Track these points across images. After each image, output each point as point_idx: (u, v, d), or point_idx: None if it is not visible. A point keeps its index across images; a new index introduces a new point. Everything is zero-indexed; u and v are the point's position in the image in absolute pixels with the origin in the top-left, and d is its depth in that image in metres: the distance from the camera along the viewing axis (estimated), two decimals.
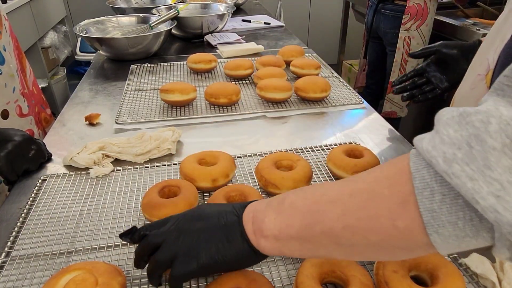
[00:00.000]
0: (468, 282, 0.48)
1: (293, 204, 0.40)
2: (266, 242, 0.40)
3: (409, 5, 1.74)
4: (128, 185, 0.68)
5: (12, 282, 0.50)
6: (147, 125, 0.90)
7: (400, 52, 1.84)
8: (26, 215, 0.61)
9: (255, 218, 0.42)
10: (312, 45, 2.21)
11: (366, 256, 0.40)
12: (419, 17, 1.75)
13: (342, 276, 0.46)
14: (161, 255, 0.43)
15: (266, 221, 0.40)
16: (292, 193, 0.41)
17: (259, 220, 0.41)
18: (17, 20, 2.11)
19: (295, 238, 0.39)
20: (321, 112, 0.95)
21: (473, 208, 0.28)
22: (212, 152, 0.70)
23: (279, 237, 0.39)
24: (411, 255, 0.37)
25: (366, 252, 0.36)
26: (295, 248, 0.39)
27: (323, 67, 1.21)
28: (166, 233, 0.44)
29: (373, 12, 1.95)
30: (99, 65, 1.31)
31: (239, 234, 0.42)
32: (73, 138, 0.85)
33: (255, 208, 0.43)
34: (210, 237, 0.42)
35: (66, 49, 2.87)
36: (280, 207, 0.40)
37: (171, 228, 0.44)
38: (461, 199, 0.28)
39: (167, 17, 1.40)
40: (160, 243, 0.44)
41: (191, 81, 1.14)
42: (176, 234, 0.43)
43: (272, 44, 1.52)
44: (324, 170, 0.72)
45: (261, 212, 0.42)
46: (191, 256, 0.42)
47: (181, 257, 0.42)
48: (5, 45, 0.84)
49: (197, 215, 0.45)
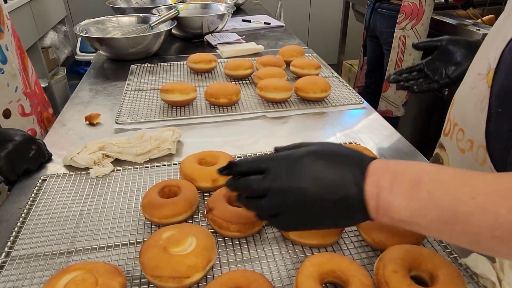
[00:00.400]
0: (468, 282, 0.48)
1: (431, 195, 0.37)
2: (390, 220, 0.39)
3: (404, 4, 1.74)
4: (128, 185, 0.68)
5: (12, 282, 0.49)
6: (147, 125, 0.90)
7: (396, 51, 1.85)
8: (26, 215, 0.61)
9: (380, 197, 0.39)
10: (312, 45, 2.21)
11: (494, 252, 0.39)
12: (414, 16, 1.76)
13: (342, 276, 0.46)
14: (266, 207, 0.43)
15: (395, 205, 0.38)
16: (427, 175, 0.38)
17: (386, 201, 0.39)
18: (17, 20, 2.10)
19: (425, 226, 0.37)
20: (321, 112, 0.95)
21: None
22: (212, 152, 0.70)
23: (406, 221, 0.38)
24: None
25: (501, 252, 0.36)
26: (418, 230, 0.39)
27: (323, 67, 1.21)
28: (277, 190, 0.42)
29: (371, 11, 1.96)
30: (99, 65, 1.31)
31: (359, 210, 0.40)
32: (73, 138, 0.85)
33: (380, 184, 0.39)
34: (326, 209, 0.41)
35: (66, 49, 2.87)
36: (414, 193, 0.37)
37: (286, 185, 0.42)
38: None
39: (167, 17, 1.40)
40: (266, 193, 0.43)
41: (191, 81, 1.14)
42: (288, 194, 0.42)
43: (272, 44, 1.52)
44: None
45: (387, 191, 0.39)
46: (302, 221, 0.43)
47: (288, 215, 0.43)
48: (7, 45, 0.84)
49: (314, 176, 0.41)
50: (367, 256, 0.53)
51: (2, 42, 0.82)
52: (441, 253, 0.52)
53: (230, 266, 0.52)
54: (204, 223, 0.59)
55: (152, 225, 0.59)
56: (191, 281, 0.47)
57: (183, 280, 0.46)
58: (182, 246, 0.48)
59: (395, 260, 0.46)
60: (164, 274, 0.46)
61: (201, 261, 0.47)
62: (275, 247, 0.55)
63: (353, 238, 0.56)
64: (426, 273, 0.46)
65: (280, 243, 0.55)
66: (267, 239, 0.56)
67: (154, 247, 0.48)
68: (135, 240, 0.56)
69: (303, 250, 0.54)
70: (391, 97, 1.94)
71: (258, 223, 0.55)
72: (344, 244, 0.55)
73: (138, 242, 0.56)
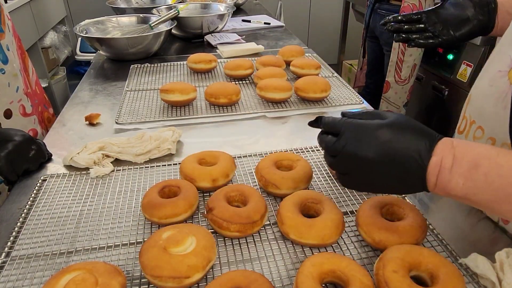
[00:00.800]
0: (468, 282, 0.48)
1: (487, 176, 0.41)
2: (445, 194, 0.44)
3: (404, 5, 1.75)
4: (128, 185, 0.68)
5: (12, 282, 0.49)
6: (147, 125, 0.90)
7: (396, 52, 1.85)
8: (26, 215, 0.61)
9: (441, 175, 0.43)
10: (312, 45, 2.21)
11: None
12: None
13: (342, 276, 0.46)
14: (335, 166, 0.49)
15: (453, 183, 0.42)
16: (486, 159, 0.42)
17: (445, 179, 0.43)
18: (17, 20, 2.10)
19: (476, 202, 0.43)
20: (321, 112, 0.95)
21: None
22: (212, 152, 0.70)
23: (460, 197, 0.43)
24: None
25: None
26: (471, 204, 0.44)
27: (323, 67, 1.21)
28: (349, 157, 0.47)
29: (370, 11, 1.96)
30: (99, 65, 1.31)
31: (418, 184, 0.45)
32: (73, 138, 0.85)
33: (442, 164, 0.43)
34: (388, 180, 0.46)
35: (66, 49, 2.87)
36: (472, 174, 0.41)
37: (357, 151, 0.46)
38: None
39: (167, 17, 1.40)
40: (336, 155, 0.48)
41: (191, 81, 1.14)
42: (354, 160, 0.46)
43: (272, 44, 1.52)
44: (324, 170, 0.72)
45: (447, 171, 0.43)
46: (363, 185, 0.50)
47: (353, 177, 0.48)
48: (8, 45, 0.84)
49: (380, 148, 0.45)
50: (367, 256, 0.53)
51: (3, 42, 0.82)
52: (441, 253, 0.52)
53: (230, 266, 0.52)
54: (204, 223, 0.59)
55: (152, 225, 0.59)
56: (191, 281, 0.47)
57: (183, 280, 0.46)
58: (182, 246, 0.48)
59: (395, 260, 0.46)
60: (164, 274, 0.46)
61: (201, 261, 0.47)
62: (275, 247, 0.55)
63: (353, 238, 0.56)
64: (426, 273, 0.46)
65: (280, 243, 0.55)
66: (267, 239, 0.56)
67: (154, 247, 0.48)
68: (135, 240, 0.56)
69: (303, 250, 0.54)
70: (392, 97, 1.94)
71: (258, 223, 0.55)
72: (344, 244, 0.55)
73: (138, 242, 0.56)
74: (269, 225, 0.59)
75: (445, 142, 0.44)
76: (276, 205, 0.63)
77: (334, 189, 0.66)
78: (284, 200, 0.58)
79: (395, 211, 0.56)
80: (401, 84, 1.91)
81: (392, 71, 1.89)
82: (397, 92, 1.91)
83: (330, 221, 0.53)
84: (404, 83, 1.90)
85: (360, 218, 0.54)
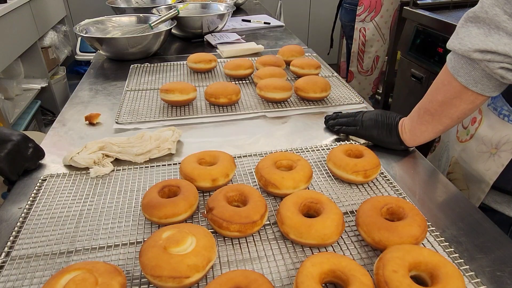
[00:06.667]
0: (468, 282, 0.48)
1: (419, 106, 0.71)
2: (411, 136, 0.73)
3: None
4: (128, 185, 0.68)
5: (12, 282, 0.50)
6: (147, 125, 0.90)
7: (357, 43, 1.95)
8: (26, 215, 0.61)
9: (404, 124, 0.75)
10: (312, 45, 2.21)
11: None
12: (373, 9, 1.86)
13: (342, 276, 0.46)
14: None
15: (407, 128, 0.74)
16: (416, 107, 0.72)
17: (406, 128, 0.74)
18: (17, 20, 2.11)
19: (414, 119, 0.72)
20: (321, 112, 0.95)
21: None
22: (212, 152, 0.70)
23: (408, 126, 0.73)
24: None
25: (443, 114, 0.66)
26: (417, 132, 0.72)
27: (323, 67, 1.21)
28: None
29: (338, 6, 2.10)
30: (99, 65, 1.31)
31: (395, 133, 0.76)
32: (73, 138, 0.85)
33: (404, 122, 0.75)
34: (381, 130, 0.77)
35: (66, 49, 2.87)
36: (412, 117, 0.73)
37: None
38: None
39: (167, 17, 1.40)
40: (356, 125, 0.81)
41: (191, 81, 1.14)
42: None
43: (272, 44, 1.52)
44: (324, 170, 0.72)
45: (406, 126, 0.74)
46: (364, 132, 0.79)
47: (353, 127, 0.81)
48: None
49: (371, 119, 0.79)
50: (367, 256, 0.53)
51: None
52: (441, 253, 0.52)
53: (230, 266, 0.52)
54: (204, 223, 0.59)
55: (152, 225, 0.59)
56: (191, 281, 0.47)
57: (183, 280, 0.46)
58: (182, 246, 0.48)
59: (395, 260, 0.46)
60: (164, 274, 0.46)
61: (201, 261, 0.47)
62: (275, 247, 0.55)
63: (353, 238, 0.56)
64: (426, 273, 0.46)
65: (280, 243, 0.55)
66: (267, 239, 0.56)
67: (154, 247, 0.48)
68: (135, 240, 0.56)
69: (303, 250, 0.54)
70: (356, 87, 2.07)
71: (258, 223, 0.55)
72: (344, 244, 0.55)
73: (138, 242, 0.56)
74: (269, 225, 0.59)
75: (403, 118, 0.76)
76: (276, 205, 0.63)
77: (334, 189, 0.66)
78: (284, 200, 0.58)
79: (395, 211, 0.56)
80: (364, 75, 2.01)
81: (355, 61, 2.01)
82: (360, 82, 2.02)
83: (330, 221, 0.53)
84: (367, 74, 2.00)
85: (360, 218, 0.54)
